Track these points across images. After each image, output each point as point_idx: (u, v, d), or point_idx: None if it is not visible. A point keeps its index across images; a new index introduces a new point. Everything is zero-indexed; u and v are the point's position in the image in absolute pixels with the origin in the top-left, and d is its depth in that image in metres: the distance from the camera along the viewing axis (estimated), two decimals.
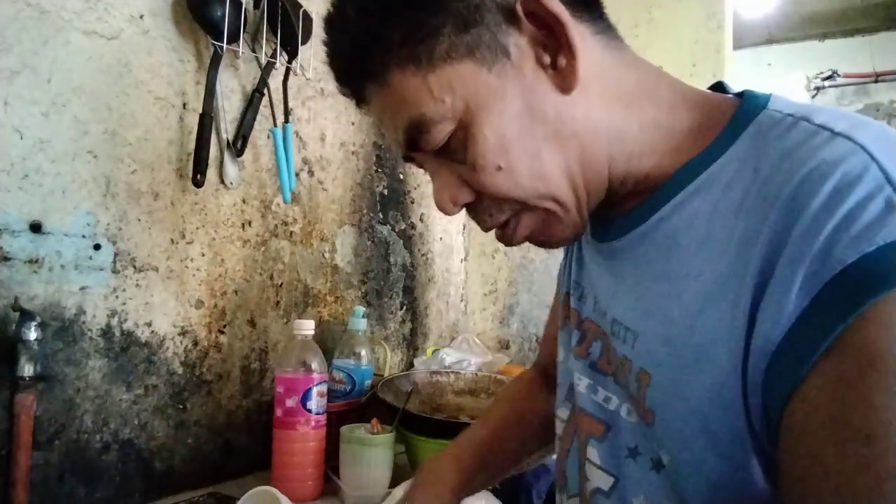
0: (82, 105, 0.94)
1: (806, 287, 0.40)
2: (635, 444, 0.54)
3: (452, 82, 0.49)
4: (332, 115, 1.38)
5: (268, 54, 1.18)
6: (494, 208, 0.54)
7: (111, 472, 0.98)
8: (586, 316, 0.63)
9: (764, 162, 0.46)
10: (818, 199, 0.40)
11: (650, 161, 0.54)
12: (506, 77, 0.50)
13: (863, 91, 3.51)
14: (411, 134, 0.52)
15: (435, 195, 0.55)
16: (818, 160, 0.42)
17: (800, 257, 0.40)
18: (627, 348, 0.53)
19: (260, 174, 1.21)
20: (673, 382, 0.49)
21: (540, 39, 0.50)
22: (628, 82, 0.54)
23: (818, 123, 0.46)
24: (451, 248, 1.78)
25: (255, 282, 1.20)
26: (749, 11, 3.11)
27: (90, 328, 0.95)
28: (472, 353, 1.60)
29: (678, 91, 0.56)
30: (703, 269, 0.47)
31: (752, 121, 0.50)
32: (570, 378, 0.65)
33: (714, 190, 0.49)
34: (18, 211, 0.88)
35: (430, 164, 0.55)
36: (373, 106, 0.55)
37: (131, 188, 1.00)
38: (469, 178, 0.53)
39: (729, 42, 1.59)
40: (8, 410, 0.85)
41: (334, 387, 1.21)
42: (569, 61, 0.50)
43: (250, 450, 1.17)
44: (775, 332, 0.41)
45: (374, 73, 0.52)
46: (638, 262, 0.55)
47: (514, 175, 0.51)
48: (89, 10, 0.95)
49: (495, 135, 0.50)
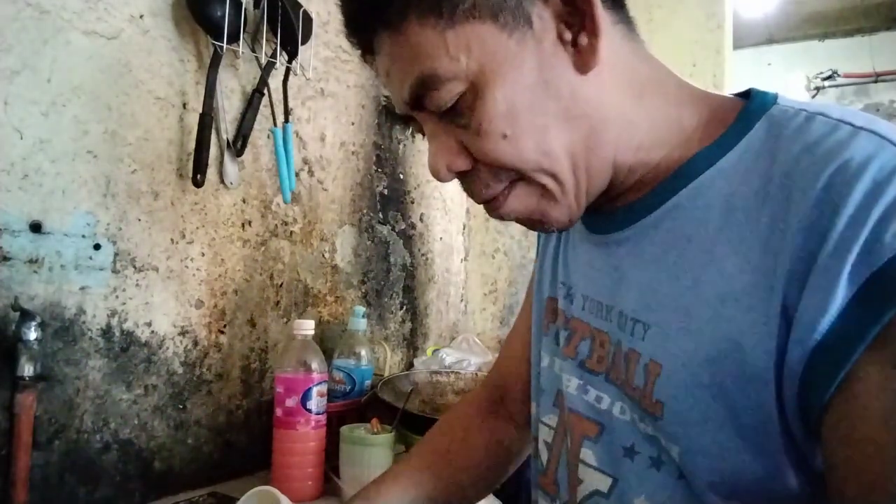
0: (82, 105, 0.94)
1: (853, 277, 0.40)
2: (631, 442, 0.54)
3: (471, 42, 0.48)
4: (332, 115, 1.38)
5: (268, 54, 1.18)
6: (491, 178, 0.52)
7: (111, 471, 0.98)
8: (574, 315, 0.62)
9: (783, 153, 0.46)
10: (859, 190, 0.41)
11: (659, 152, 0.54)
12: (525, 46, 0.49)
13: (863, 91, 3.51)
14: (418, 90, 0.50)
15: (430, 158, 0.53)
16: (850, 152, 0.43)
17: (846, 248, 0.40)
18: (636, 341, 0.52)
19: (260, 174, 1.21)
20: (690, 373, 0.48)
21: (563, 15, 0.49)
22: (641, 74, 0.54)
23: (836, 118, 0.46)
24: (451, 248, 1.78)
25: (255, 282, 1.20)
26: (749, 11, 3.11)
27: (90, 328, 0.95)
28: (472, 353, 1.60)
29: (686, 88, 0.56)
30: (722, 259, 0.47)
31: (763, 115, 0.50)
32: (557, 384, 0.64)
33: (730, 180, 0.49)
34: (18, 211, 0.88)
35: (429, 125, 0.53)
36: (381, 57, 0.52)
37: (131, 188, 1.00)
38: (470, 143, 0.51)
39: (729, 42, 1.59)
40: (8, 410, 0.85)
41: (334, 387, 1.21)
42: (590, 41, 0.49)
43: (250, 450, 1.17)
44: (820, 323, 0.41)
45: (391, 20, 0.49)
46: (647, 252, 0.53)
47: (518, 145, 0.50)
48: (89, 10, 0.95)
49: (506, 101, 0.49)
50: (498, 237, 1.83)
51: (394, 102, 0.55)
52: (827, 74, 3.55)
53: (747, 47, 3.55)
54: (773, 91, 0.53)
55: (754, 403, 0.45)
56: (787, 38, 3.62)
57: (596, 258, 0.60)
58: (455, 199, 1.81)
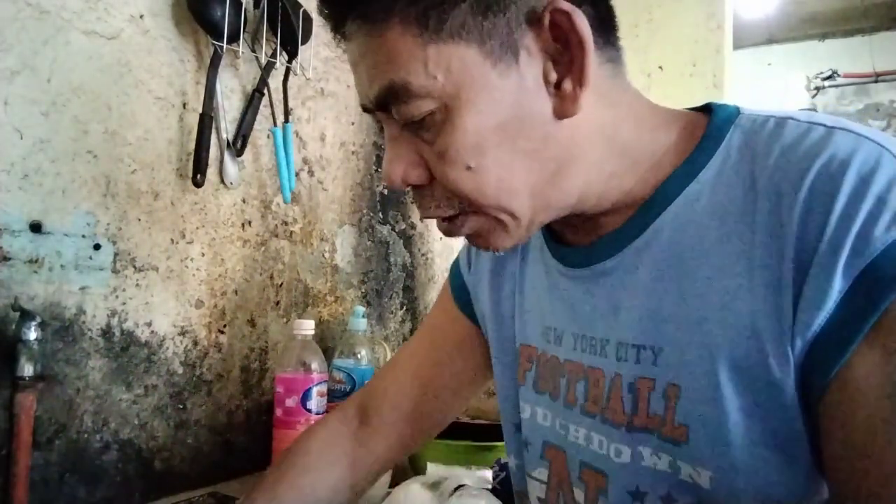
0: (82, 105, 0.94)
1: (847, 271, 0.41)
2: (636, 485, 0.51)
3: (451, 62, 0.46)
4: (332, 115, 1.38)
5: (268, 54, 1.18)
6: (444, 200, 0.51)
7: (111, 471, 0.98)
8: (567, 358, 0.59)
9: (761, 158, 0.47)
10: (847, 186, 0.42)
11: (632, 178, 0.52)
12: (507, 79, 0.47)
13: (863, 91, 3.52)
14: (386, 96, 0.48)
15: (386, 165, 0.51)
16: (831, 150, 0.44)
17: (839, 243, 0.41)
18: (645, 368, 0.50)
19: (260, 174, 1.21)
20: (713, 387, 0.46)
21: (553, 54, 0.48)
22: (620, 111, 0.52)
23: (805, 120, 0.47)
24: (451, 248, 1.78)
25: (255, 282, 1.20)
26: (749, 11, 3.12)
27: (90, 328, 0.95)
28: None
29: (658, 111, 0.55)
30: (725, 268, 0.47)
31: (731, 125, 0.50)
32: (544, 435, 0.61)
33: (715, 190, 0.49)
34: (18, 211, 0.88)
35: (391, 128, 0.51)
36: (352, 47, 0.50)
37: (131, 188, 1.00)
38: (431, 162, 0.49)
39: (729, 42, 1.59)
40: (8, 410, 0.85)
41: (334, 387, 1.21)
42: (574, 89, 0.47)
43: (250, 450, 1.17)
44: (818, 315, 0.42)
45: (372, 17, 0.47)
46: (641, 277, 0.52)
47: (480, 179, 0.48)
48: (89, 10, 0.95)
49: (476, 133, 0.47)
50: None
51: (358, 93, 0.52)
52: (827, 74, 3.55)
53: (747, 47, 3.55)
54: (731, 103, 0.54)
55: (780, 410, 0.44)
56: (787, 38, 3.62)
57: (581, 294, 0.57)
58: None
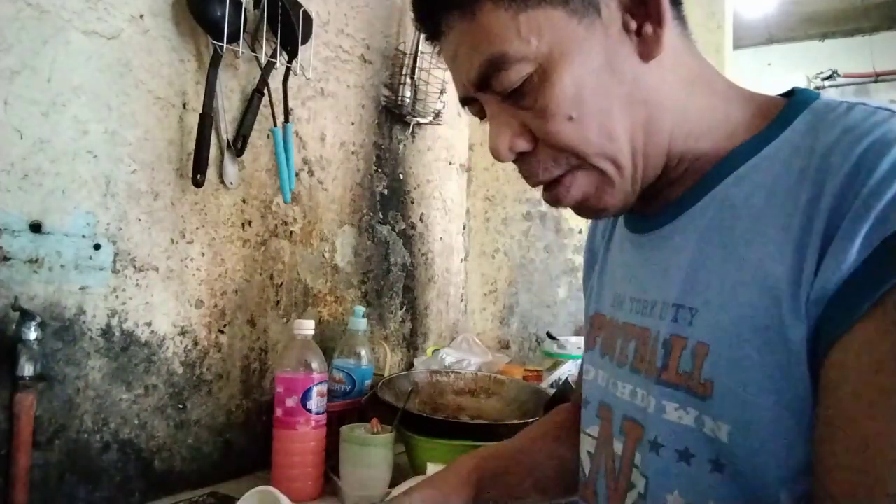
0: (82, 105, 0.94)
1: (866, 242, 0.42)
2: (654, 435, 0.54)
3: (542, 26, 0.50)
4: (332, 115, 1.38)
5: (268, 54, 1.18)
6: (551, 161, 0.54)
7: (111, 471, 0.98)
8: (624, 321, 0.63)
9: (823, 139, 0.49)
10: (884, 164, 0.43)
11: (707, 142, 0.56)
12: (593, 32, 0.51)
13: (863, 91, 3.51)
14: (487, 71, 0.52)
15: (491, 139, 0.55)
16: (882, 131, 0.45)
17: (864, 215, 0.43)
18: (681, 327, 0.53)
19: (260, 174, 1.21)
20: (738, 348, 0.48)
21: (629, 6, 0.52)
22: (693, 69, 0.57)
23: (875, 106, 0.49)
24: (451, 248, 1.78)
25: (255, 282, 1.20)
26: (749, 11, 3.12)
27: (90, 328, 0.95)
28: (472, 353, 1.60)
29: (734, 88, 0.59)
30: (767, 239, 0.49)
31: (806, 108, 0.53)
32: (600, 395, 0.65)
33: (773, 166, 0.51)
34: (18, 211, 0.88)
35: (492, 105, 0.55)
36: (450, 39, 0.55)
37: (131, 188, 1.00)
38: (534, 125, 0.53)
39: (729, 42, 1.59)
40: (8, 410, 0.85)
41: (334, 387, 1.21)
42: (655, 31, 0.52)
43: (250, 450, 1.17)
44: (833, 281, 0.44)
45: (464, 3, 0.52)
46: (692, 240, 0.55)
47: (583, 127, 0.52)
48: (89, 10, 0.95)
49: (574, 84, 0.51)
50: (498, 237, 1.83)
51: (455, 86, 0.57)
52: (827, 74, 3.55)
53: (747, 47, 3.55)
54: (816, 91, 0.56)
55: (798, 373, 0.46)
56: (787, 38, 3.62)
57: (641, 259, 0.62)
58: (455, 199, 1.81)
